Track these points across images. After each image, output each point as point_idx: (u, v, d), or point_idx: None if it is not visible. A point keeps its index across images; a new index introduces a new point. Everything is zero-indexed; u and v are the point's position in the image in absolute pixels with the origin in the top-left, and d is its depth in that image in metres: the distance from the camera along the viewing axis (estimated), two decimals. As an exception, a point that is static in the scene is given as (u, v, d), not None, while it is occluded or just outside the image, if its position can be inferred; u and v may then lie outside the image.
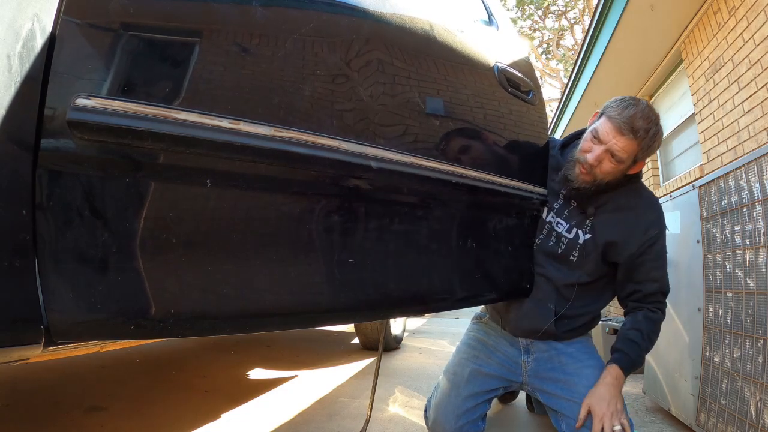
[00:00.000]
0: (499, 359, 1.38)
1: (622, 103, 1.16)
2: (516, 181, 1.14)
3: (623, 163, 1.17)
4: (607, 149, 1.15)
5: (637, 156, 1.17)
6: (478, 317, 1.56)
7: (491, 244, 1.13)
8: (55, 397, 1.78)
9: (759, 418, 1.16)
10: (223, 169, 0.64)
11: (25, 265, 0.50)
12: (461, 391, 1.32)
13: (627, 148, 1.14)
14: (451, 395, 1.32)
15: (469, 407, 1.30)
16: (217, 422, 1.62)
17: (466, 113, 1.02)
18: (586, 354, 1.32)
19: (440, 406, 1.33)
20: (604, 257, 1.26)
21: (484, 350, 1.41)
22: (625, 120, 1.12)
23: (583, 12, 11.48)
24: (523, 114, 1.23)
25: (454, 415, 1.29)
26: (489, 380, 1.35)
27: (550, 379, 1.30)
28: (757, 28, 2.28)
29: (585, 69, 4.20)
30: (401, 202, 0.89)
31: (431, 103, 0.92)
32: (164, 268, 0.61)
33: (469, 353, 1.42)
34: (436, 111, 0.93)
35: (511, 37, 1.36)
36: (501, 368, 1.37)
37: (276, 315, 0.74)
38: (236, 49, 0.65)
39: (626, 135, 1.13)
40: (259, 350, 2.99)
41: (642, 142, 1.14)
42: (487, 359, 1.38)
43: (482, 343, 1.43)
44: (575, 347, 1.33)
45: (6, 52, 0.47)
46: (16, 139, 0.49)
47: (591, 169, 1.19)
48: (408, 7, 0.90)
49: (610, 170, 1.18)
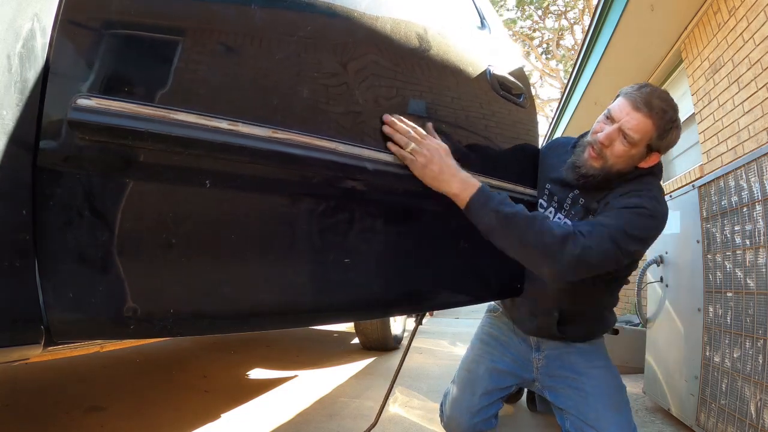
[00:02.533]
0: (512, 355, 1.38)
1: (639, 84, 1.09)
2: (506, 183, 1.15)
3: (636, 146, 1.05)
4: (619, 128, 1.05)
5: (651, 142, 1.06)
6: (491, 311, 1.53)
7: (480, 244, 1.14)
8: (55, 397, 1.78)
9: (759, 418, 1.16)
10: (221, 170, 0.64)
11: (25, 264, 0.50)
12: (476, 388, 1.33)
13: (641, 127, 1.03)
14: (467, 393, 1.34)
15: (484, 405, 1.31)
16: (217, 422, 1.62)
17: (458, 116, 1.03)
18: (596, 354, 1.31)
19: (455, 404, 1.34)
20: None
21: (497, 346, 1.40)
22: (641, 95, 1.04)
23: (583, 12, 11.48)
24: (515, 117, 1.25)
25: (469, 412, 1.30)
26: (503, 377, 1.35)
27: (559, 377, 1.30)
28: (757, 28, 2.28)
29: (585, 69, 4.20)
30: (395, 204, 0.90)
31: (422, 106, 0.93)
32: (164, 268, 0.61)
33: (483, 349, 1.41)
34: (427, 114, 0.94)
35: (503, 41, 1.38)
36: (514, 364, 1.37)
37: (275, 314, 0.75)
38: (236, 50, 0.65)
39: (641, 110, 1.03)
40: (259, 350, 2.99)
41: (658, 122, 1.03)
42: (501, 356, 1.38)
43: (495, 339, 1.42)
44: (586, 347, 1.32)
45: (6, 52, 0.47)
46: (16, 138, 0.49)
47: (601, 150, 1.08)
48: (402, 11, 0.91)
49: (622, 153, 1.06)
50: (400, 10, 0.90)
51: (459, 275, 1.10)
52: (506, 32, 1.52)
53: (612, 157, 1.08)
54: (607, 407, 1.18)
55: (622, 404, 1.21)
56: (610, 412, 1.16)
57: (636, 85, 1.08)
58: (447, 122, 0.99)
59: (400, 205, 0.91)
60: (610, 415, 1.16)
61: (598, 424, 1.15)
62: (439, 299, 1.07)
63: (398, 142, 0.84)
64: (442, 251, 1.03)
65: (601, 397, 1.20)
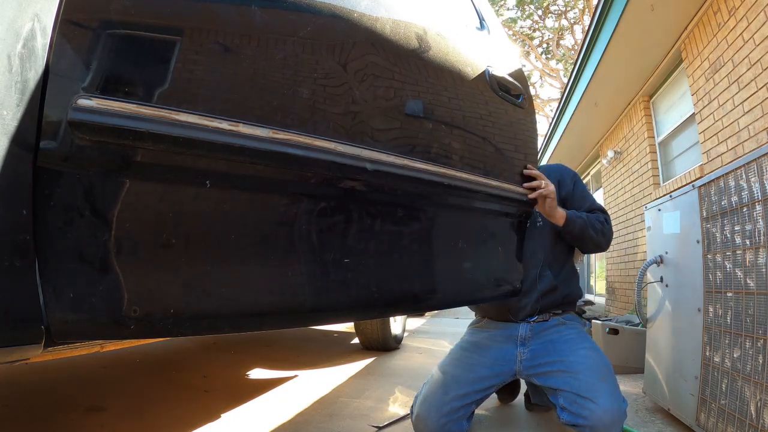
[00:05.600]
0: (492, 356, 1.44)
1: None
2: (504, 183, 1.16)
3: None
4: None
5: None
6: (474, 323, 1.65)
7: (479, 244, 1.15)
8: (55, 397, 1.78)
9: (759, 418, 1.16)
10: (222, 170, 0.64)
11: (25, 264, 0.50)
12: (449, 390, 1.36)
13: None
14: (438, 393, 1.36)
15: (455, 407, 1.34)
16: (217, 422, 1.62)
17: (457, 117, 1.04)
18: (581, 338, 1.42)
19: (426, 402, 1.36)
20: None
21: (476, 350, 1.48)
22: None
23: (583, 12, 11.48)
24: (513, 117, 1.26)
25: (439, 413, 1.32)
26: (478, 382, 1.39)
27: (546, 363, 1.37)
28: (757, 28, 2.28)
29: (585, 69, 4.20)
30: (394, 204, 0.91)
31: (422, 106, 0.93)
32: (164, 268, 0.61)
33: (462, 355, 1.49)
34: (426, 114, 0.94)
35: (502, 42, 1.40)
36: (493, 364, 1.42)
37: (275, 314, 0.75)
38: (237, 51, 0.65)
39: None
40: (259, 350, 2.99)
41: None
42: (480, 358, 1.44)
43: (475, 344, 1.50)
44: (570, 335, 1.42)
45: (6, 52, 0.47)
46: (16, 139, 0.49)
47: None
48: (402, 12, 0.91)
49: None
50: (400, 11, 0.90)
51: (460, 276, 1.10)
52: (505, 33, 1.54)
53: None
54: (597, 379, 1.25)
55: (610, 376, 1.28)
56: (601, 383, 1.24)
57: None
58: (446, 123, 0.99)
59: (399, 206, 0.91)
60: (601, 386, 1.23)
61: (591, 394, 1.21)
62: (439, 299, 1.08)
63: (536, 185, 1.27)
64: (442, 252, 1.03)
65: (589, 371, 1.27)
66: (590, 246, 1.48)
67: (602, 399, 1.19)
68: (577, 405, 1.22)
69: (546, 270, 1.48)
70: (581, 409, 1.20)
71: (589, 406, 1.19)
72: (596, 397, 1.19)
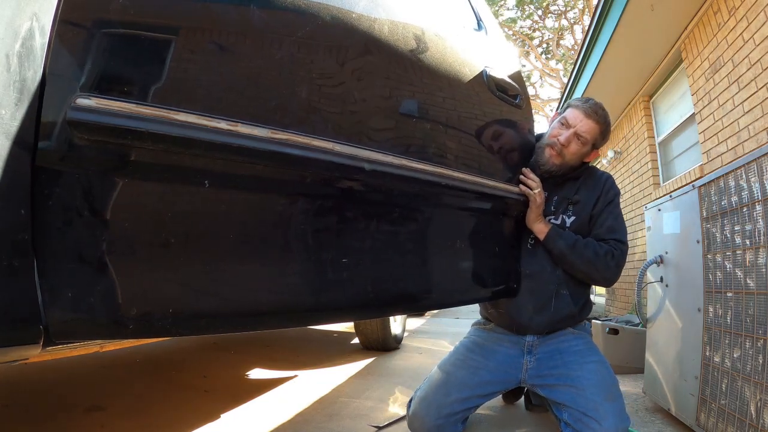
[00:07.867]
0: (498, 360, 1.40)
1: (584, 98, 1.41)
2: (501, 183, 1.16)
3: (587, 144, 1.38)
4: (575, 131, 1.36)
5: (596, 141, 1.39)
6: (480, 323, 1.58)
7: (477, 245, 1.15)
8: (55, 397, 1.78)
9: (759, 418, 1.16)
10: (220, 170, 0.64)
11: (24, 264, 0.50)
12: (451, 392, 1.34)
13: (591, 130, 1.36)
14: (440, 394, 1.34)
15: (455, 410, 1.32)
16: (217, 422, 1.62)
17: (455, 117, 1.04)
18: (589, 351, 1.38)
19: (426, 401, 1.34)
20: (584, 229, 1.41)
21: (481, 353, 1.43)
22: (590, 106, 1.38)
23: (583, 12, 11.47)
24: (511, 117, 1.26)
25: (438, 413, 1.31)
26: (481, 387, 1.37)
27: (552, 375, 1.33)
28: (757, 28, 2.28)
29: (585, 69, 4.20)
30: (392, 204, 0.91)
31: (420, 107, 0.93)
32: (163, 268, 0.61)
33: (467, 356, 1.44)
34: (424, 115, 0.94)
35: (500, 42, 1.40)
36: (498, 370, 1.39)
37: (274, 314, 0.75)
38: (235, 51, 0.65)
39: (591, 118, 1.36)
40: (259, 350, 2.99)
41: (602, 127, 1.38)
42: (485, 362, 1.40)
43: (481, 347, 1.45)
44: (579, 347, 1.37)
45: (5, 52, 0.47)
46: (15, 138, 0.49)
47: (561, 150, 1.36)
48: (400, 13, 0.91)
49: (576, 151, 1.37)
50: (398, 12, 0.90)
51: (457, 275, 1.10)
52: (502, 33, 1.56)
53: (569, 155, 1.38)
54: (604, 398, 1.22)
55: (617, 395, 1.26)
56: (607, 403, 1.21)
57: (582, 99, 1.41)
58: (444, 123, 0.99)
59: (396, 205, 0.92)
60: (608, 405, 1.21)
61: (597, 414, 1.19)
62: (438, 299, 1.08)
63: (530, 186, 1.28)
64: (439, 251, 1.03)
65: (596, 389, 1.25)
66: (578, 274, 1.37)
67: (607, 421, 1.17)
68: (581, 423, 1.21)
69: (564, 288, 1.38)
70: (585, 428, 1.19)
71: (594, 426, 1.18)
72: (602, 419, 1.18)
